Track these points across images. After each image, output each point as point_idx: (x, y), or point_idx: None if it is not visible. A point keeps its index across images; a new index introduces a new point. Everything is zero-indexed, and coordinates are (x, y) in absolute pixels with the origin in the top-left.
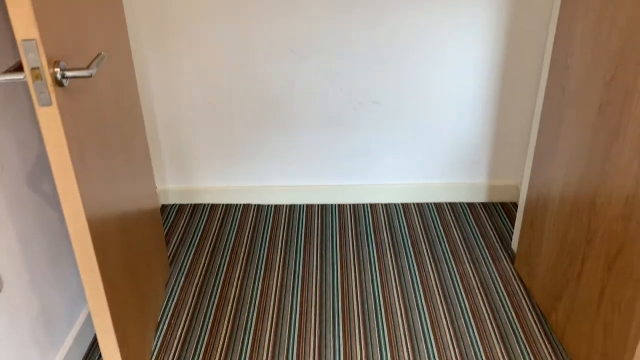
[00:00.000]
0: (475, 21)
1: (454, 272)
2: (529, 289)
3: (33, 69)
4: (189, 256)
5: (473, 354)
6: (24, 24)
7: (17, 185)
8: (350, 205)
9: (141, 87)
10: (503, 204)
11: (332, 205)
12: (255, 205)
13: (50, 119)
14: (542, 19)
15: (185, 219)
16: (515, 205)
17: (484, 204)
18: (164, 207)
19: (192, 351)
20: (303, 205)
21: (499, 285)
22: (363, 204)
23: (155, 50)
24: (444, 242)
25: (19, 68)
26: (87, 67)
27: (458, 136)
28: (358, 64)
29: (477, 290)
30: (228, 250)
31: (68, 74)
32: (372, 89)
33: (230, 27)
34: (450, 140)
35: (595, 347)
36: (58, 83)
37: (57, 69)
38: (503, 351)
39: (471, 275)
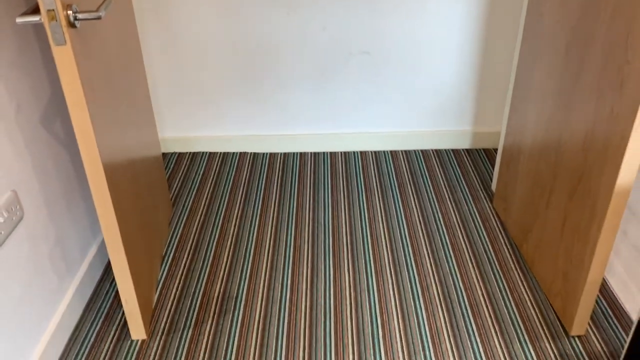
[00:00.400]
0: None
1: (437, 211)
2: (505, 224)
3: (49, 10)
4: (190, 198)
5: (451, 281)
6: None
7: (33, 125)
8: (341, 152)
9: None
10: (486, 150)
11: (324, 152)
12: (251, 153)
13: (64, 57)
14: None
15: (185, 165)
16: (497, 150)
17: (468, 150)
18: (164, 155)
19: (195, 279)
20: (297, 153)
21: (477, 221)
22: (354, 152)
23: (152, 1)
24: (428, 185)
25: (34, 11)
26: (97, 10)
27: (443, 86)
28: (348, 16)
29: (457, 226)
30: (227, 192)
31: (80, 15)
32: (362, 40)
33: None
34: (436, 90)
35: (558, 271)
36: (71, 24)
37: (70, 12)
38: (479, 277)
39: (452, 213)
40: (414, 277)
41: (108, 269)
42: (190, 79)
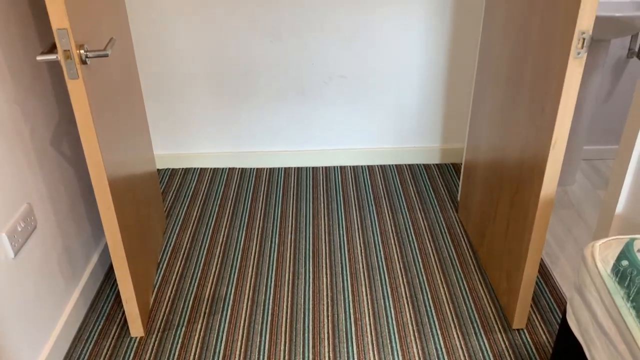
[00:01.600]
0: (427, 17)
1: (407, 220)
2: (467, 230)
3: (65, 51)
4: (183, 210)
5: (418, 282)
6: (58, 17)
7: (44, 144)
8: (322, 167)
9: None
10: (454, 164)
11: (306, 167)
12: (239, 168)
13: (77, 89)
14: (478, 14)
15: (178, 180)
16: None
17: (438, 165)
18: (159, 171)
19: (188, 283)
20: (281, 168)
21: (443, 228)
22: (334, 167)
23: (147, 28)
24: (401, 197)
25: (50, 50)
26: (105, 49)
27: (414, 106)
28: (327, 44)
29: (425, 233)
30: (216, 204)
31: (90, 54)
32: (339, 65)
33: (216, 11)
34: (407, 110)
35: (503, 272)
36: (83, 62)
37: (82, 51)
38: (442, 279)
39: (421, 222)
40: (385, 279)
41: (109, 274)
42: (182, 101)
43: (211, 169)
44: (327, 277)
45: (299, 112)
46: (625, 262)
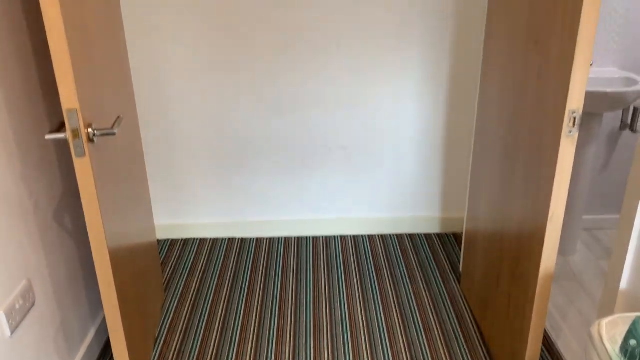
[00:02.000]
0: (424, 91)
1: (410, 292)
2: (470, 304)
3: (73, 130)
4: (182, 283)
5: (422, 358)
6: (68, 98)
7: (47, 219)
8: (322, 237)
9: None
10: (455, 234)
11: (307, 237)
12: (239, 238)
13: (83, 167)
14: (474, 88)
15: (177, 251)
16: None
17: (438, 235)
18: (158, 241)
19: None
20: (281, 237)
21: (446, 301)
22: (334, 236)
23: (149, 99)
24: (402, 267)
25: (59, 129)
26: (112, 127)
27: (414, 176)
28: (326, 116)
29: (428, 306)
30: (215, 276)
31: (98, 133)
32: (340, 136)
33: (217, 83)
34: (407, 180)
35: (507, 347)
36: (90, 140)
37: (90, 130)
38: (447, 355)
39: (424, 294)
40: (388, 354)
41: (105, 350)
42: (182, 171)
43: (211, 239)
44: (328, 353)
45: (299, 181)
46: (633, 342)
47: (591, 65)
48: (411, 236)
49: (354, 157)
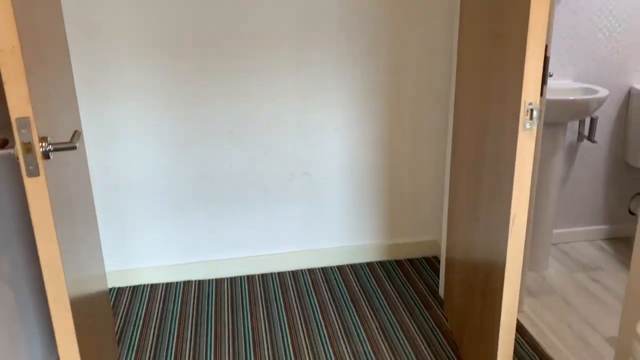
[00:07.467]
0: (388, 112)
1: (394, 321)
2: (452, 328)
3: (25, 143)
4: (136, 335)
5: None
6: (20, 104)
7: None
8: (289, 272)
9: None
10: (426, 258)
11: (272, 273)
12: (196, 280)
13: (37, 188)
14: (438, 107)
15: (127, 301)
16: (436, 258)
17: (409, 260)
18: None
19: None
20: (244, 276)
21: (434, 328)
22: (301, 270)
23: (94, 134)
24: (380, 296)
25: (3, 144)
26: (70, 141)
27: (378, 202)
28: (286, 142)
29: (416, 336)
30: (175, 324)
31: (54, 147)
32: (302, 162)
33: (166, 116)
34: (374, 206)
35: None
36: (45, 156)
37: (44, 144)
38: None
39: (408, 322)
40: None
41: None
42: (128, 212)
43: (164, 284)
44: None
45: (261, 213)
46: None
47: (551, 76)
48: (382, 263)
49: (317, 183)
